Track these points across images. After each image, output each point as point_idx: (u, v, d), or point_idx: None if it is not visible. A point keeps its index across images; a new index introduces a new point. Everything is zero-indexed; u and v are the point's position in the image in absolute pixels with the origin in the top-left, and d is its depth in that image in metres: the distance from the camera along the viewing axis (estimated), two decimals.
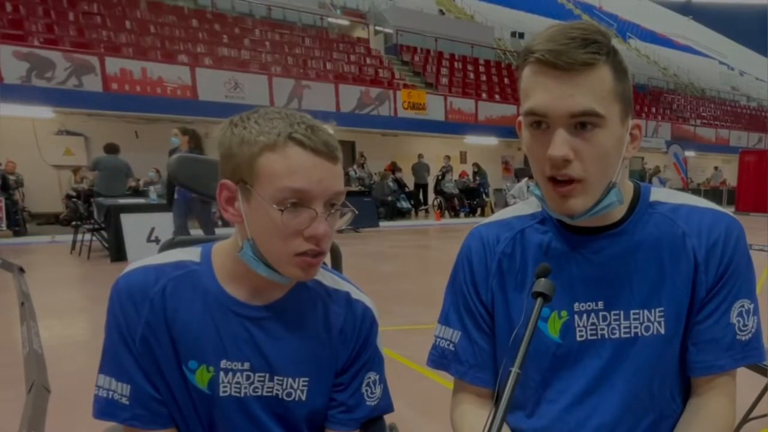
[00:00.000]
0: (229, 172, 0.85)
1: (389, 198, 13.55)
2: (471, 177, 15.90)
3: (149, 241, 7.36)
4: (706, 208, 0.91)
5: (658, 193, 0.93)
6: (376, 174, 14.23)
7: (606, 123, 0.78)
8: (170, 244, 1.09)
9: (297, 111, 0.86)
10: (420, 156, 15.52)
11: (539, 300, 0.76)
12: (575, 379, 0.91)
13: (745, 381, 2.27)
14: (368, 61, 17.24)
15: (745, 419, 2.32)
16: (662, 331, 0.88)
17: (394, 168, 14.88)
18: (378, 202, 12.97)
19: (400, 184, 14.50)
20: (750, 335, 0.89)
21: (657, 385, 0.90)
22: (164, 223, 6.84)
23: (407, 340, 3.70)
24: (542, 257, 0.91)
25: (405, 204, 13.79)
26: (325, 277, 1.01)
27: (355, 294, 1.02)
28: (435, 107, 16.03)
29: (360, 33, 19.30)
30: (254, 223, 0.84)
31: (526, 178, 6.17)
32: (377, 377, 1.03)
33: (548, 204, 0.85)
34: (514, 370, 0.69)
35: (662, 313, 0.88)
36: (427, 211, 15.78)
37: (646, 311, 0.88)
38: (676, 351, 0.90)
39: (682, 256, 0.87)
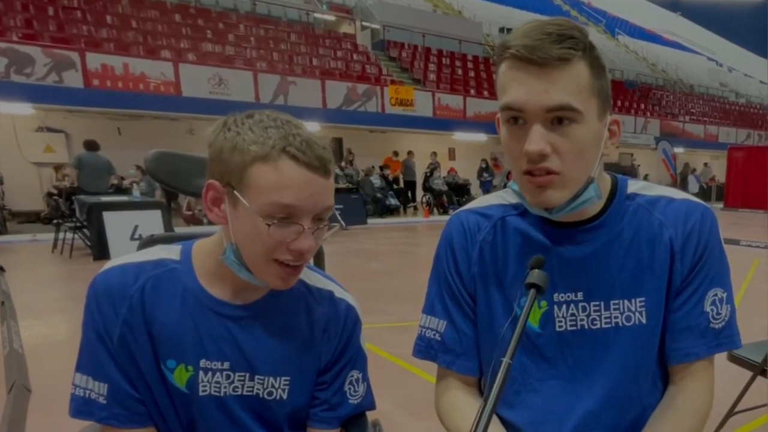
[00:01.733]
0: (217, 174, 0.84)
1: (378, 195, 13.58)
2: (478, 172, 15.91)
3: (133, 239, 7.33)
4: (681, 199, 0.93)
5: (635, 186, 0.95)
6: (362, 171, 14.27)
7: (583, 118, 0.79)
8: (150, 242, 1.09)
9: (290, 116, 0.86)
10: (410, 153, 15.59)
11: (532, 291, 0.76)
12: (558, 369, 0.93)
13: (731, 375, 2.37)
14: (355, 57, 17.24)
15: (730, 413, 2.37)
16: (644, 320, 0.90)
17: (382, 167, 14.95)
18: (367, 199, 13.01)
19: (388, 180, 14.54)
20: (723, 323, 0.92)
21: (642, 375, 0.92)
22: (148, 221, 6.83)
23: (394, 338, 3.73)
24: (523, 246, 0.93)
25: (393, 201, 13.83)
26: (308, 275, 1.02)
27: (339, 293, 1.03)
28: (423, 103, 16.09)
29: (346, 28, 19.31)
30: (239, 230, 0.84)
31: None
32: (360, 375, 1.04)
33: (526, 199, 0.86)
34: (506, 360, 0.69)
35: (643, 303, 0.90)
36: (415, 208, 15.85)
37: (626, 301, 0.90)
38: (658, 340, 0.92)
39: (659, 246, 0.90)
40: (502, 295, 0.94)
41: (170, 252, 0.95)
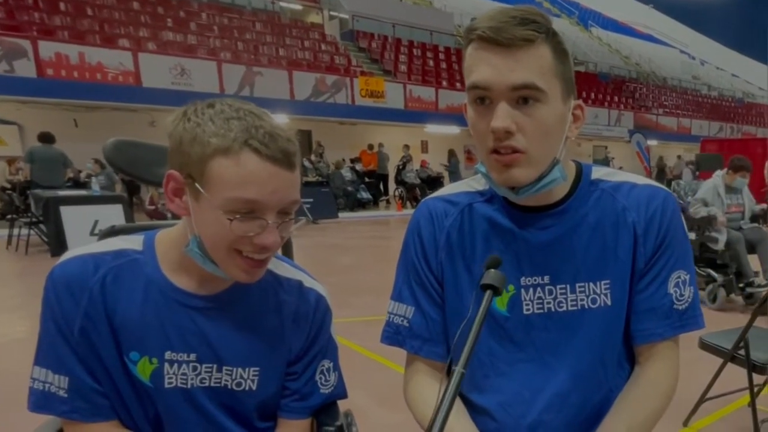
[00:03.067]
0: (177, 165, 0.84)
1: (349, 188, 13.73)
2: (443, 163, 16.19)
3: (93, 234, 7.31)
4: (644, 184, 0.99)
5: (599, 172, 1.01)
6: (332, 164, 14.40)
7: (547, 98, 0.84)
8: (111, 232, 1.10)
9: (253, 106, 0.86)
10: (380, 145, 15.77)
11: (488, 293, 0.78)
12: (526, 353, 0.98)
13: (703, 362, 2.60)
14: (323, 47, 17.36)
15: (702, 399, 2.61)
16: (609, 302, 0.96)
17: (353, 160, 15.09)
18: (337, 193, 13.15)
19: (359, 174, 14.69)
20: (687, 304, 0.97)
21: (608, 356, 0.98)
22: (109, 216, 6.83)
23: (366, 332, 3.81)
24: (490, 231, 0.98)
25: (365, 194, 13.99)
26: (277, 265, 1.03)
27: (308, 282, 1.05)
28: (394, 95, 16.31)
29: (314, 18, 19.38)
30: (201, 222, 0.85)
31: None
32: (331, 365, 1.07)
33: (492, 177, 0.90)
34: (458, 369, 0.71)
35: (608, 286, 0.95)
36: (388, 201, 16.06)
37: (591, 284, 0.95)
38: (623, 321, 0.98)
39: (623, 229, 0.95)
40: (470, 280, 0.98)
41: (131, 242, 0.95)
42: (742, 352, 2.29)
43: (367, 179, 15.10)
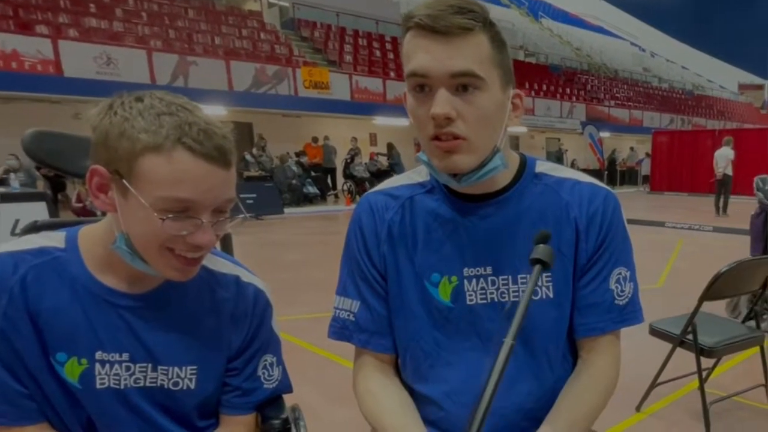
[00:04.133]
0: (103, 160, 0.84)
1: (293, 182, 13.79)
2: (381, 158, 16.48)
3: (14, 234, 7.14)
4: (586, 182, 1.06)
5: (543, 166, 1.08)
6: (277, 157, 14.45)
7: (486, 86, 0.89)
8: (32, 229, 1.09)
9: (185, 99, 0.86)
10: (326, 138, 15.90)
11: (537, 267, 0.83)
12: (470, 342, 1.04)
13: (654, 348, 2.83)
14: (262, 36, 17.41)
15: (653, 384, 2.85)
16: (551, 295, 1.03)
17: (298, 153, 15.16)
18: (282, 188, 13.20)
19: (305, 168, 14.77)
20: (627, 300, 1.05)
21: (550, 346, 1.05)
22: (31, 214, 6.67)
23: (315, 328, 3.87)
24: (432, 222, 1.04)
25: (312, 189, 14.08)
26: (212, 260, 1.05)
27: (246, 277, 1.07)
28: (339, 86, 16.47)
29: (251, 5, 19.34)
30: (130, 220, 0.85)
31: None
32: (275, 359, 1.11)
33: (434, 164, 0.95)
34: (508, 341, 0.77)
35: (550, 279, 1.02)
36: (336, 196, 16.17)
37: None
38: (567, 314, 1.05)
39: (565, 224, 1.02)
40: (413, 272, 1.04)
41: (53, 239, 0.95)
42: (690, 336, 2.49)
43: (313, 173, 15.19)
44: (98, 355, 0.94)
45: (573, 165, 22.68)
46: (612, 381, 1.07)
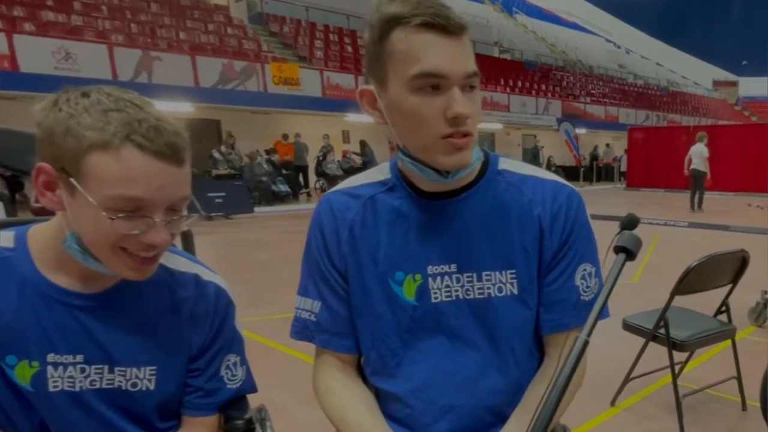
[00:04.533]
0: (49, 158, 0.83)
1: (264, 180, 13.73)
2: (354, 156, 16.47)
3: None
4: (549, 180, 1.09)
5: (506, 163, 1.10)
6: (246, 155, 14.35)
7: (479, 85, 0.96)
8: None
9: (135, 94, 0.86)
10: (297, 135, 15.83)
11: (620, 256, 0.84)
12: (436, 340, 1.06)
13: (629, 343, 2.88)
14: (229, 30, 17.30)
15: (627, 379, 2.90)
16: (515, 292, 1.05)
17: (269, 151, 15.07)
18: (251, 186, 13.12)
19: (275, 165, 14.68)
20: (593, 295, 1.08)
21: (515, 343, 1.08)
22: None
23: (286, 328, 3.90)
24: (395, 221, 1.06)
25: (283, 187, 14.00)
26: (170, 259, 1.05)
27: (206, 275, 1.07)
28: (310, 82, 16.42)
29: (217, 0, 19.20)
30: (79, 219, 0.84)
31: None
32: (238, 359, 1.12)
33: (441, 163, 0.96)
34: (582, 337, 0.80)
35: (514, 275, 1.05)
36: (309, 194, 16.13)
37: (497, 273, 1.04)
38: (533, 312, 1.08)
39: (529, 222, 1.05)
40: (377, 272, 1.06)
41: (1, 239, 0.95)
42: (662, 331, 2.56)
43: (284, 171, 15.12)
44: (50, 357, 0.93)
45: (549, 162, 22.99)
46: (578, 377, 1.09)
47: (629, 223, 0.86)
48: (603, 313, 1.09)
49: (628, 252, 0.81)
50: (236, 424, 1.11)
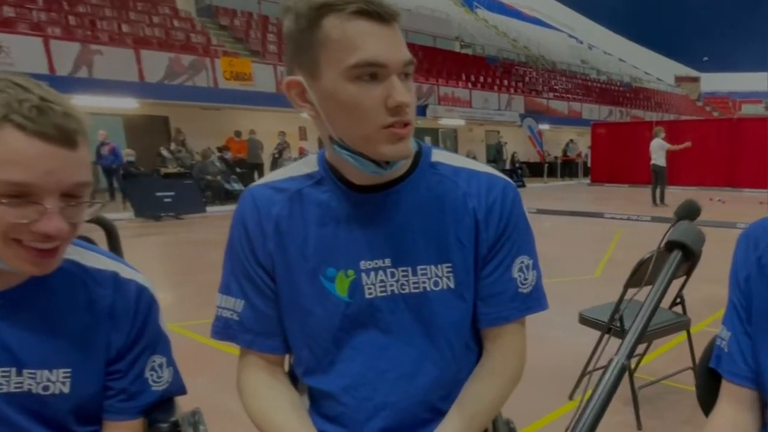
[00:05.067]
0: None
1: (217, 178, 13.56)
2: (311, 154, 16.36)
3: None
4: (484, 172, 1.10)
5: (440, 155, 1.11)
6: (198, 153, 14.18)
7: (412, 73, 0.95)
8: None
9: (26, 78, 0.85)
10: (251, 132, 15.66)
11: (675, 254, 0.80)
12: (370, 336, 1.06)
13: (586, 337, 2.93)
14: (176, 23, 17.08)
15: (584, 372, 2.94)
16: (452, 285, 1.06)
17: (221, 149, 14.88)
18: (202, 185, 12.94)
19: (229, 163, 14.50)
20: (531, 288, 1.10)
21: (452, 337, 1.08)
22: None
23: None
24: (324, 216, 1.05)
25: (236, 186, 13.81)
26: (85, 256, 1.03)
27: (126, 273, 1.05)
28: (263, 78, 16.30)
29: None
30: None
31: None
32: (164, 360, 1.10)
33: (382, 153, 0.95)
34: (619, 360, 0.78)
35: (450, 269, 1.06)
36: None
37: (433, 267, 1.05)
38: (469, 305, 1.09)
39: (464, 215, 1.06)
40: (306, 268, 1.05)
41: None
42: (618, 324, 2.61)
43: (238, 169, 14.97)
44: None
45: (513, 158, 23.29)
46: (516, 369, 1.12)
47: (688, 211, 0.73)
48: (540, 305, 1.12)
49: (684, 248, 0.67)
50: (160, 427, 1.09)
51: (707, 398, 1.16)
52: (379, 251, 1.04)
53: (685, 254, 0.69)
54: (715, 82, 52.53)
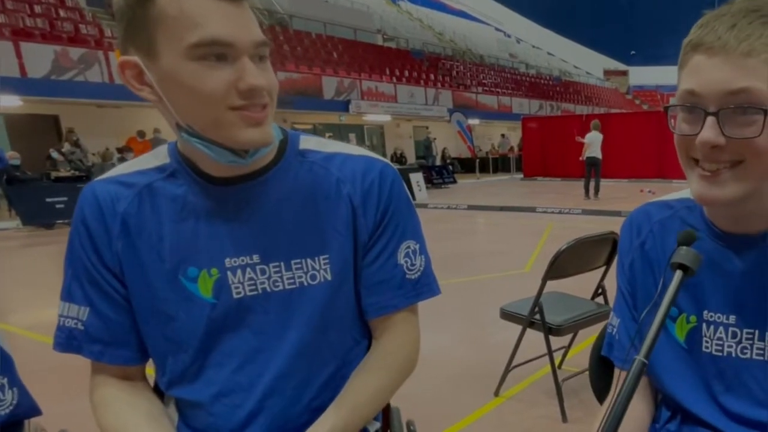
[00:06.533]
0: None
1: None
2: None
3: None
4: (359, 156, 1.10)
5: (309, 142, 1.10)
6: (95, 154, 13.72)
7: (268, 55, 0.94)
8: None
9: None
10: (156, 131, 15.11)
11: (678, 273, 0.84)
12: (241, 339, 1.04)
13: (510, 332, 2.94)
14: (62, 13, 16.55)
15: (508, 367, 3.02)
16: (329, 278, 1.05)
17: (122, 150, 14.34)
18: None
19: None
20: (419, 273, 1.11)
21: (334, 332, 1.08)
22: None
23: None
24: (181, 211, 1.02)
25: None
26: None
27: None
28: None
29: None
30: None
31: None
32: (5, 380, 1.06)
33: (238, 138, 0.92)
34: (639, 359, 0.78)
35: (327, 261, 1.05)
36: None
37: (309, 260, 1.04)
38: (350, 297, 1.09)
39: (338, 202, 1.06)
40: (163, 269, 1.01)
41: None
42: (538, 317, 2.72)
43: None
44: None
45: (444, 153, 23.52)
46: (406, 359, 1.12)
47: (686, 238, 0.86)
48: (432, 290, 1.13)
49: (685, 269, 0.83)
50: None
51: (601, 386, 1.22)
52: (245, 247, 1.02)
53: (686, 273, 0.84)
54: (643, 75, 55.16)
